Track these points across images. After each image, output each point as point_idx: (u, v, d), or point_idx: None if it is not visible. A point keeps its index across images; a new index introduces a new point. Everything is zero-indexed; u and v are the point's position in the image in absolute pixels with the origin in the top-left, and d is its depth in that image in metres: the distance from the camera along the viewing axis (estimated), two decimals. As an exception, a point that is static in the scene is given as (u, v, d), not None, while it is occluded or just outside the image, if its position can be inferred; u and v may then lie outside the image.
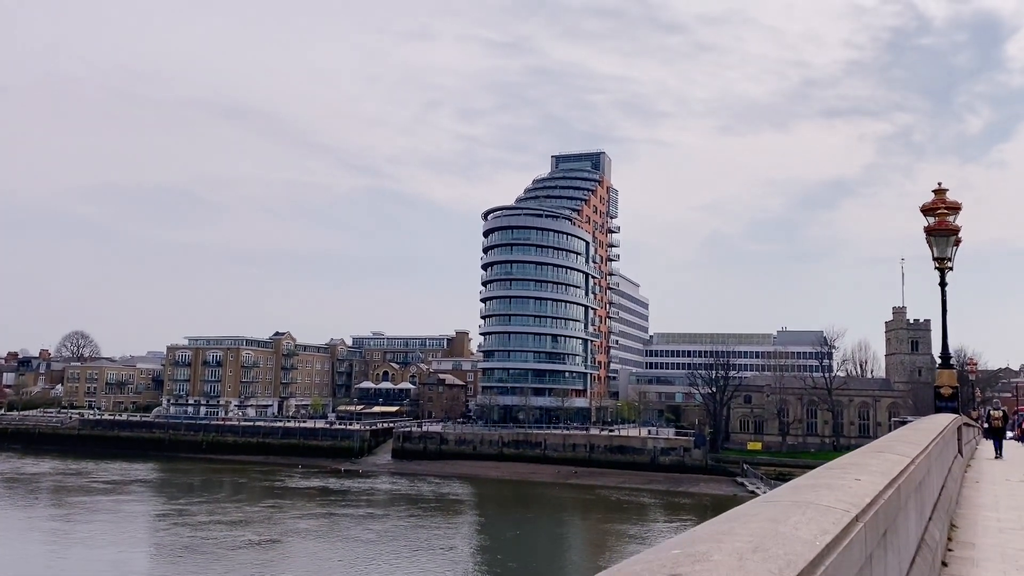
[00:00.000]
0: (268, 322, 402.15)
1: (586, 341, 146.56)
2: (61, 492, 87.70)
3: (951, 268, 17.92)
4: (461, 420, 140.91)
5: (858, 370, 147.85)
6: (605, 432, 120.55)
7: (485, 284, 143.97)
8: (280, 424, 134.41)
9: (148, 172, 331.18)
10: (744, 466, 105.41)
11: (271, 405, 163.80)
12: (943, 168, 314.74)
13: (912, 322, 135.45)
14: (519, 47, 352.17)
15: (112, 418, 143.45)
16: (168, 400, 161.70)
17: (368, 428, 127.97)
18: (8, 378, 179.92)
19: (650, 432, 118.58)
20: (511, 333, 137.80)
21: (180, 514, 74.82)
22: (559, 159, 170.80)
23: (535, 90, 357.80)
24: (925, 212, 17.85)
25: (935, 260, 17.91)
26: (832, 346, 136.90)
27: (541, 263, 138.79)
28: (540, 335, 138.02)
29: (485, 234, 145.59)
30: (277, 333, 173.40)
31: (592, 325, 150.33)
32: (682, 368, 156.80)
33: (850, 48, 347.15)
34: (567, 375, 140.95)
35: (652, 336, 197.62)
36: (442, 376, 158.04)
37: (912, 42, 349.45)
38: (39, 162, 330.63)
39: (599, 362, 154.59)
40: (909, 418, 77.80)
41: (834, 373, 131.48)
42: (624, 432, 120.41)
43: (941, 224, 17.60)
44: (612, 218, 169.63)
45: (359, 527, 70.41)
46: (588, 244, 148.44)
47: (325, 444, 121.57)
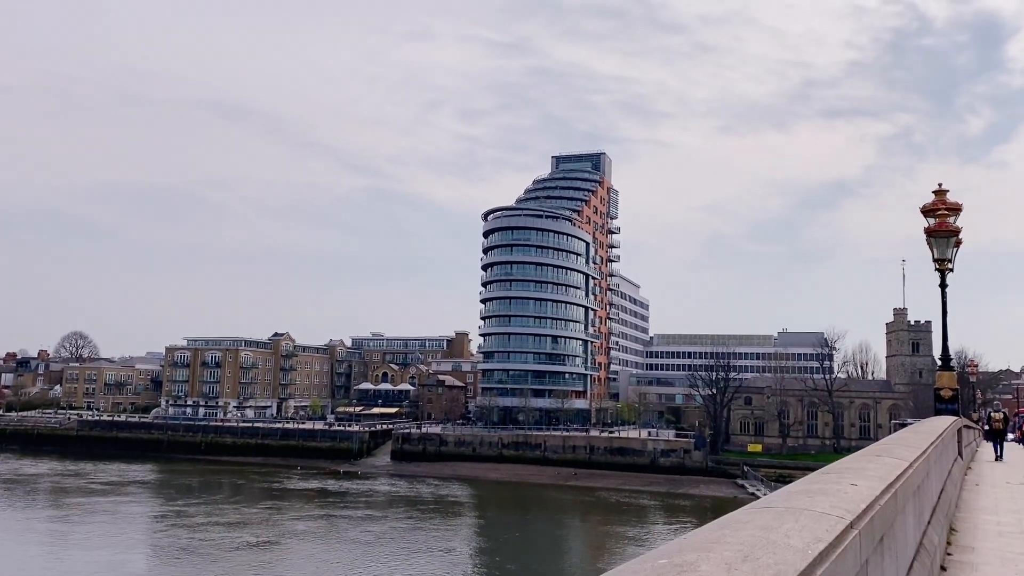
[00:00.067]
0: (267, 323, 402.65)
1: (586, 342, 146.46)
2: (59, 493, 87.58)
3: (951, 269, 17.82)
4: (461, 421, 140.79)
5: (859, 372, 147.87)
6: (605, 434, 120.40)
7: (485, 285, 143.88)
8: (279, 425, 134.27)
9: (148, 172, 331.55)
10: (744, 468, 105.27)
11: (270, 406, 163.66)
12: (944, 169, 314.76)
13: (913, 323, 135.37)
14: (519, 47, 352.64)
15: (111, 419, 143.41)
16: (167, 401, 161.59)
17: (367, 429, 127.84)
18: (7, 378, 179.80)
19: (650, 434, 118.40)
20: (511, 334, 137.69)
21: (178, 515, 74.69)
22: (559, 159, 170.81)
23: (535, 90, 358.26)
24: (925, 213, 17.75)
25: (935, 261, 17.81)
26: (833, 347, 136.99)
27: (541, 264, 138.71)
28: (540, 336, 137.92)
29: (485, 235, 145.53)
30: (276, 334, 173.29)
31: (592, 326, 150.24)
32: (682, 369, 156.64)
33: (851, 49, 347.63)
34: (567, 376, 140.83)
35: (652, 337, 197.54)
36: (441, 377, 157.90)
37: (913, 43, 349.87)
38: (39, 162, 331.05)
39: (599, 363, 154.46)
40: (909, 420, 77.67)
41: (835, 375, 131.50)
42: (624, 434, 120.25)
43: (941, 225, 17.49)
44: (612, 219, 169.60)
45: (358, 529, 70.26)
46: (588, 245, 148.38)
47: (324, 445, 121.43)
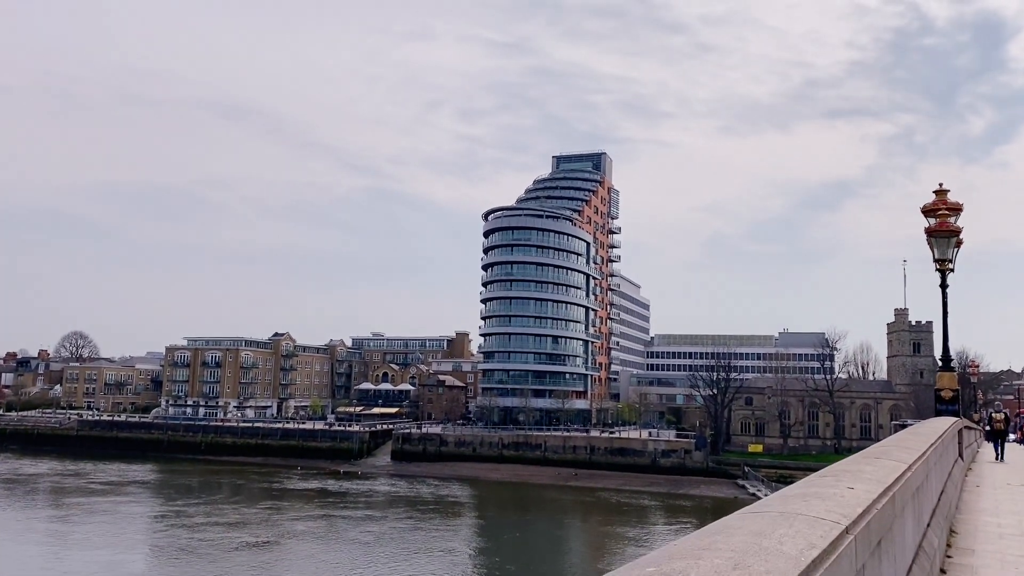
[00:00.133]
0: (267, 323, 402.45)
1: (587, 342, 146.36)
2: (59, 493, 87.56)
3: (952, 269, 17.75)
4: (461, 422, 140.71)
5: (860, 372, 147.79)
6: (605, 434, 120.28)
7: (485, 285, 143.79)
8: (279, 425, 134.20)
9: (148, 172, 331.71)
10: (745, 468, 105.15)
11: (270, 406, 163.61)
12: (945, 169, 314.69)
13: (914, 324, 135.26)
14: (520, 47, 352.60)
15: (111, 419, 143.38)
16: (167, 401, 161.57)
17: (367, 429, 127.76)
18: (7, 378, 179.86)
19: (651, 434, 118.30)
20: (511, 334, 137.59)
21: (178, 515, 74.63)
22: (560, 159, 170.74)
23: (536, 90, 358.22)
24: (926, 213, 17.68)
25: (936, 261, 17.74)
26: (834, 348, 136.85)
27: (541, 264, 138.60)
28: (540, 336, 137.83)
29: (485, 234, 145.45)
30: (276, 334, 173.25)
31: (593, 326, 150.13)
32: (683, 370, 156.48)
33: (852, 49, 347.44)
34: (567, 376, 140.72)
35: (653, 337, 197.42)
36: (442, 377, 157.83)
37: (914, 43, 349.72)
38: (39, 162, 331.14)
39: (600, 363, 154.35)
40: (910, 421, 77.62)
41: (836, 375, 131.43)
42: (625, 434, 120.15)
43: (942, 225, 17.42)
44: (613, 219, 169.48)
45: (357, 529, 70.19)
46: (589, 245, 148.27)
47: (324, 445, 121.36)
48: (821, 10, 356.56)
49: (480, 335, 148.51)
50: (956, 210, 17.52)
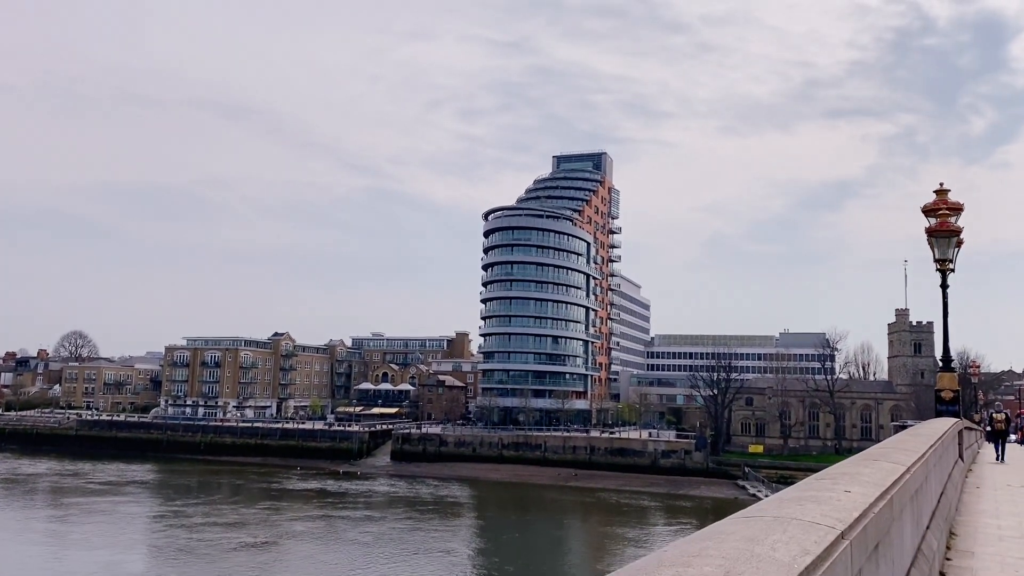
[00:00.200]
0: (267, 322, 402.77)
1: (587, 342, 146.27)
2: (58, 493, 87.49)
3: (952, 269, 17.67)
4: (461, 422, 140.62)
5: (860, 372, 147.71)
6: (606, 434, 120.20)
7: (485, 285, 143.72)
8: (279, 425, 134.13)
9: (148, 172, 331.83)
10: (745, 469, 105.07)
11: (270, 406, 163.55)
12: (946, 169, 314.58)
13: (915, 324, 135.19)
14: (521, 47, 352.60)
15: (110, 419, 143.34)
16: (166, 401, 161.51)
17: (367, 430, 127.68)
18: (6, 378, 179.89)
19: (651, 434, 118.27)
20: (511, 334, 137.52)
21: (176, 516, 74.56)
22: (560, 159, 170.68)
23: (537, 90, 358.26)
24: (927, 213, 17.60)
25: (936, 261, 17.66)
26: (834, 348, 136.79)
27: (542, 264, 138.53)
28: (540, 336, 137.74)
29: (486, 234, 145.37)
30: (276, 334, 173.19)
31: (593, 326, 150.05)
32: (683, 370, 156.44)
33: (853, 48, 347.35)
34: (567, 377, 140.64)
35: (653, 338, 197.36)
36: (442, 377, 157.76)
37: (916, 42, 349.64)
38: (38, 161, 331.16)
39: (600, 364, 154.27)
40: (910, 422, 77.51)
41: (836, 375, 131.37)
42: (625, 434, 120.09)
43: (942, 225, 17.33)
44: (613, 219, 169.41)
45: (357, 529, 70.13)
46: (589, 245, 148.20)
47: (324, 445, 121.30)
48: (822, 10, 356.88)
49: (480, 335, 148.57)
50: (957, 210, 17.44)
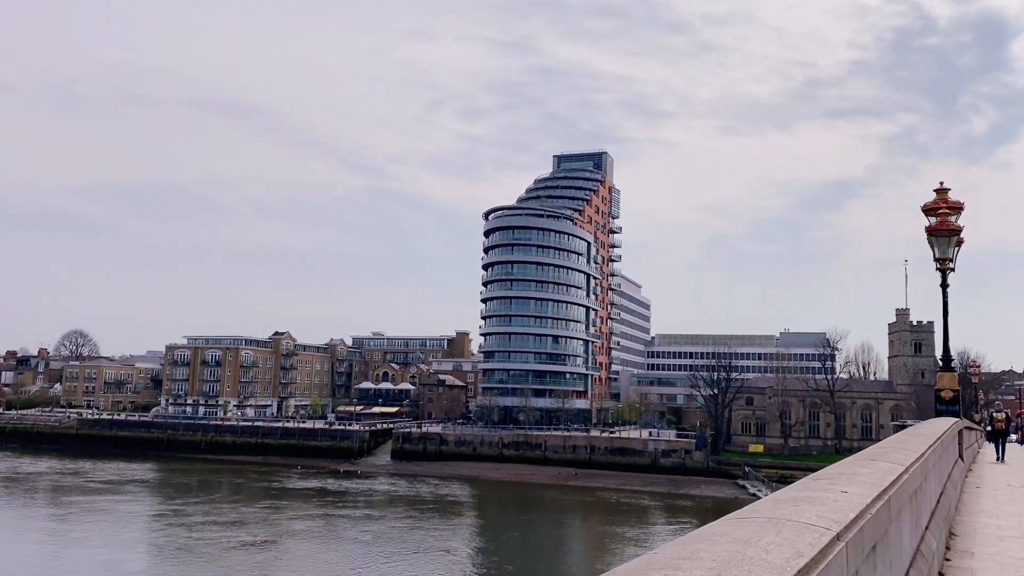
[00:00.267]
0: (268, 322, 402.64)
1: (587, 342, 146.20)
2: (58, 492, 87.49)
3: (953, 269, 17.61)
4: (461, 421, 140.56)
5: (861, 372, 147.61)
6: (606, 434, 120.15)
7: (486, 284, 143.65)
8: (279, 424, 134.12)
9: (148, 171, 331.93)
10: (745, 468, 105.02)
11: (270, 405, 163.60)
12: (947, 169, 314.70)
13: (915, 324, 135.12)
14: (521, 46, 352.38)
15: (110, 418, 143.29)
16: (167, 400, 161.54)
17: (367, 429, 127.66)
18: (7, 377, 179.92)
19: (651, 434, 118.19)
20: (512, 334, 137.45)
21: (177, 514, 74.55)
22: (561, 159, 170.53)
23: (537, 89, 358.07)
24: (927, 212, 17.53)
25: (936, 260, 17.60)
26: (835, 348, 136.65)
27: (542, 263, 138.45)
28: (541, 336, 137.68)
29: (486, 234, 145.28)
30: (277, 333, 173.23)
31: (593, 326, 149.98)
32: (684, 370, 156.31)
33: (854, 48, 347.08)
34: (568, 376, 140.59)
35: (654, 337, 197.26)
36: (442, 377, 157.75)
37: (916, 42, 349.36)
38: (39, 160, 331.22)
39: (600, 363, 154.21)
40: (910, 422, 77.48)
41: (837, 375, 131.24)
42: (625, 434, 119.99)
43: (943, 224, 17.27)
44: (614, 218, 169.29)
45: (356, 528, 70.11)
46: (589, 244, 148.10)
47: (324, 445, 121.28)
48: (823, 10, 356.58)
49: (480, 335, 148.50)
50: (957, 209, 17.37)
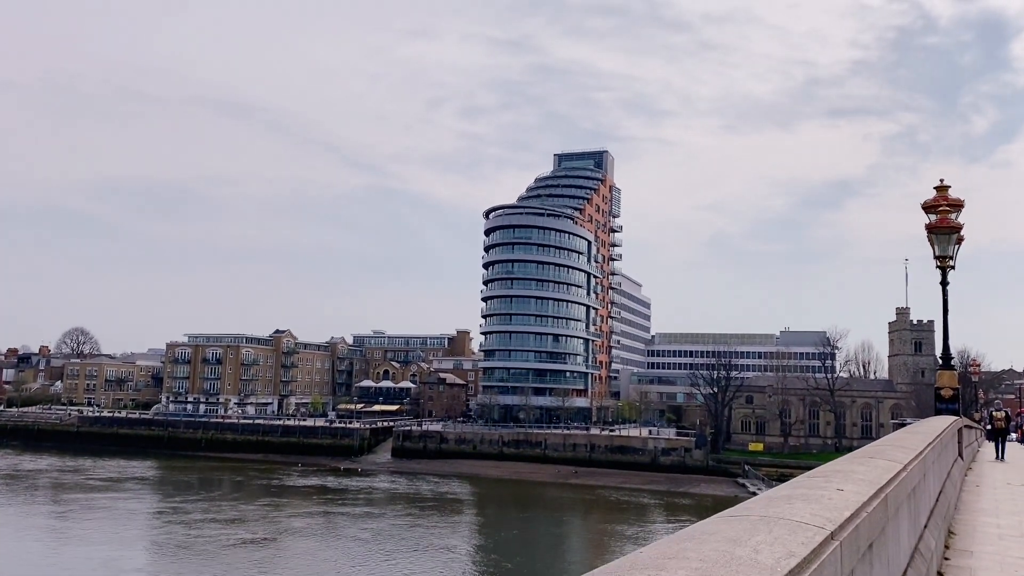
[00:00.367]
0: (268, 320, 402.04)
1: (587, 341, 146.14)
2: (59, 489, 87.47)
3: (952, 266, 17.54)
4: (461, 419, 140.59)
5: (861, 371, 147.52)
6: (606, 432, 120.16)
7: (486, 283, 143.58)
8: (280, 422, 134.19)
9: (150, 169, 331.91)
10: (745, 467, 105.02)
11: (271, 403, 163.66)
12: (948, 168, 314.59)
13: (916, 323, 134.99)
14: (522, 45, 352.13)
15: (111, 415, 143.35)
16: (167, 397, 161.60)
17: (368, 427, 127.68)
18: (8, 374, 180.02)
19: (651, 432, 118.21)
20: (512, 332, 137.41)
21: (177, 512, 74.53)
22: (561, 157, 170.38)
23: (538, 88, 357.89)
24: (927, 209, 17.46)
25: (936, 258, 17.53)
26: (835, 347, 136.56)
27: (543, 262, 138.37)
28: (541, 334, 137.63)
29: (486, 233, 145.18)
30: (277, 331, 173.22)
31: (594, 325, 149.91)
32: (684, 368, 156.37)
33: (855, 47, 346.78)
34: (568, 375, 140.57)
35: (654, 336, 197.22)
36: (443, 375, 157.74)
37: (917, 41, 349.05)
38: (40, 158, 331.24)
39: (600, 362, 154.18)
40: (909, 420, 77.30)
41: (837, 374, 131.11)
42: (625, 432, 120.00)
43: (943, 221, 17.20)
44: (615, 217, 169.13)
45: (357, 526, 70.08)
46: (590, 243, 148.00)
47: (325, 442, 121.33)
48: (824, 9, 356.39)
49: (481, 333, 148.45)
50: (957, 206, 17.30)
